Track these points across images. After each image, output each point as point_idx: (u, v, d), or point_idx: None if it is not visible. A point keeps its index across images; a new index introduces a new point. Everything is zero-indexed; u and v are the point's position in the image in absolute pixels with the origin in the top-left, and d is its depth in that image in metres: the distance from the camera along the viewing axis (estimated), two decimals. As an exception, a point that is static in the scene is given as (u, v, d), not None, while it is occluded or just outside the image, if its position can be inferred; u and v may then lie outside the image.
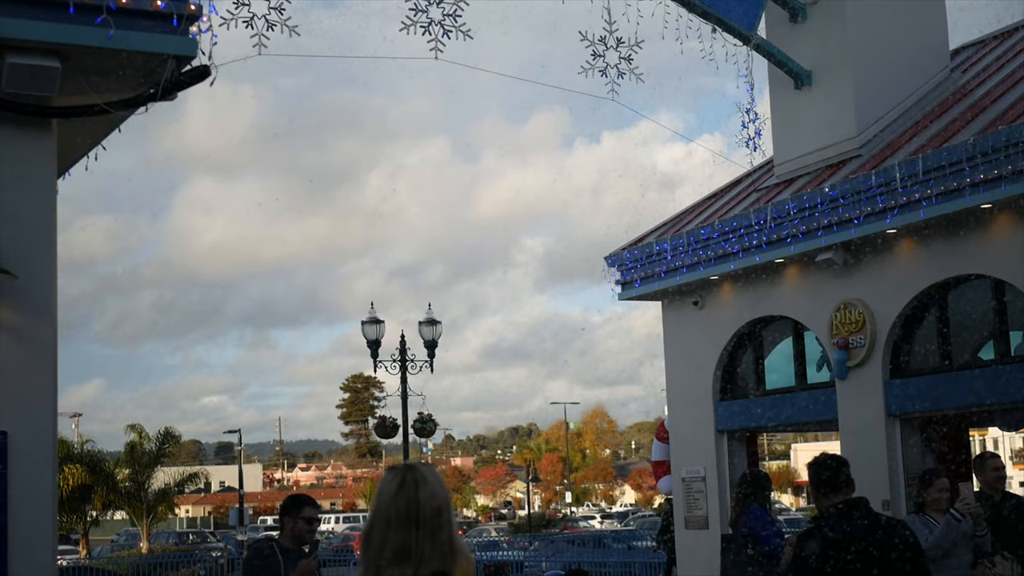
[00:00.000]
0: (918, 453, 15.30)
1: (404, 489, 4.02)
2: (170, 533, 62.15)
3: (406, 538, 3.94)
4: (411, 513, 3.97)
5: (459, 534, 4.10)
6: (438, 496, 4.04)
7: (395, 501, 4.00)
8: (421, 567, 3.92)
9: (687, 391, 18.32)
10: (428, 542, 3.95)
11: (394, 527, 3.96)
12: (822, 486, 7.08)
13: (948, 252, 14.54)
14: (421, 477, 4.05)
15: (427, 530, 3.96)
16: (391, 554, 3.94)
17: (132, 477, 47.64)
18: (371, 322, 27.35)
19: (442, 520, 4.01)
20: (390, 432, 29.32)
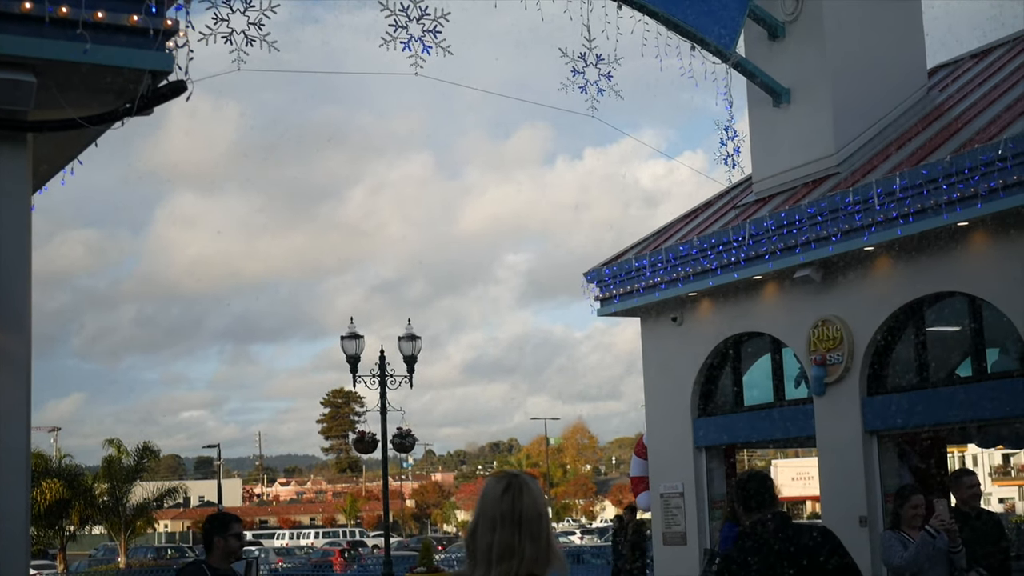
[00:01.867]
0: (895, 469, 15.34)
1: (508, 492, 4.32)
2: (148, 548, 61.83)
3: (510, 538, 4.24)
4: (515, 515, 4.27)
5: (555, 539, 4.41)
6: (538, 502, 4.35)
7: (500, 504, 4.31)
8: (522, 566, 4.22)
9: (666, 407, 18.34)
10: (529, 543, 4.24)
11: (499, 528, 4.26)
12: (747, 502, 7.09)
13: (925, 270, 14.60)
14: (524, 483, 4.37)
15: (528, 532, 4.25)
16: (498, 553, 4.24)
17: (110, 492, 47.38)
18: (350, 337, 27.30)
19: (542, 524, 4.30)
20: (369, 447, 29.24)
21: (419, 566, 27.23)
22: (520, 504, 4.30)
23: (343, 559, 51.61)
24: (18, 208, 7.03)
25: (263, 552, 57.96)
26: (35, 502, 44.80)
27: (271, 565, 45.65)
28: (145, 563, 46.73)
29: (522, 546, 4.25)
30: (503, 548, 4.25)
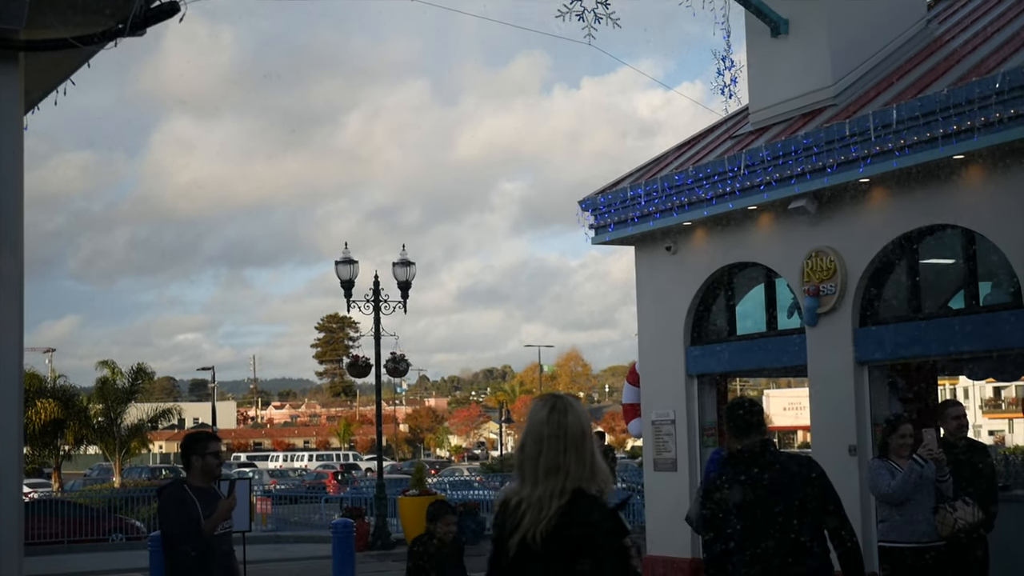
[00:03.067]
0: (885, 400, 15.44)
1: (554, 412, 4.60)
2: (143, 468, 62.35)
3: (556, 455, 4.51)
4: (560, 434, 4.53)
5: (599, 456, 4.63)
6: (582, 420, 4.61)
7: (547, 423, 4.58)
8: (568, 480, 4.47)
9: (658, 335, 18.40)
10: (574, 459, 4.50)
11: (546, 446, 4.53)
12: (735, 428, 7.15)
13: (920, 202, 14.60)
14: (568, 404, 4.64)
15: (573, 449, 4.51)
16: (544, 469, 4.50)
17: (105, 413, 47.64)
18: (345, 262, 27.34)
19: (586, 441, 4.56)
20: (363, 371, 29.38)
21: (411, 489, 27.47)
22: (565, 423, 4.55)
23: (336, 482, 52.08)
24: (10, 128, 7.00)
25: (257, 474, 58.39)
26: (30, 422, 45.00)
27: (265, 487, 45.98)
28: (140, 483, 47.08)
29: (567, 462, 4.50)
30: (549, 464, 4.50)
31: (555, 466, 4.51)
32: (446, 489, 34.46)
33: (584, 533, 4.44)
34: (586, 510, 4.49)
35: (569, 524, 4.45)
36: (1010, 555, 12.66)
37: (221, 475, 8.94)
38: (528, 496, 4.53)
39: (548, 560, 4.46)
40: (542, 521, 4.45)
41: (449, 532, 8.98)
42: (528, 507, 4.51)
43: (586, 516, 4.49)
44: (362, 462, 79.90)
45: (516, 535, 4.51)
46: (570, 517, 4.46)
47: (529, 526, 4.48)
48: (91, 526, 31.42)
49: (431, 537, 9.02)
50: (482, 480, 42.83)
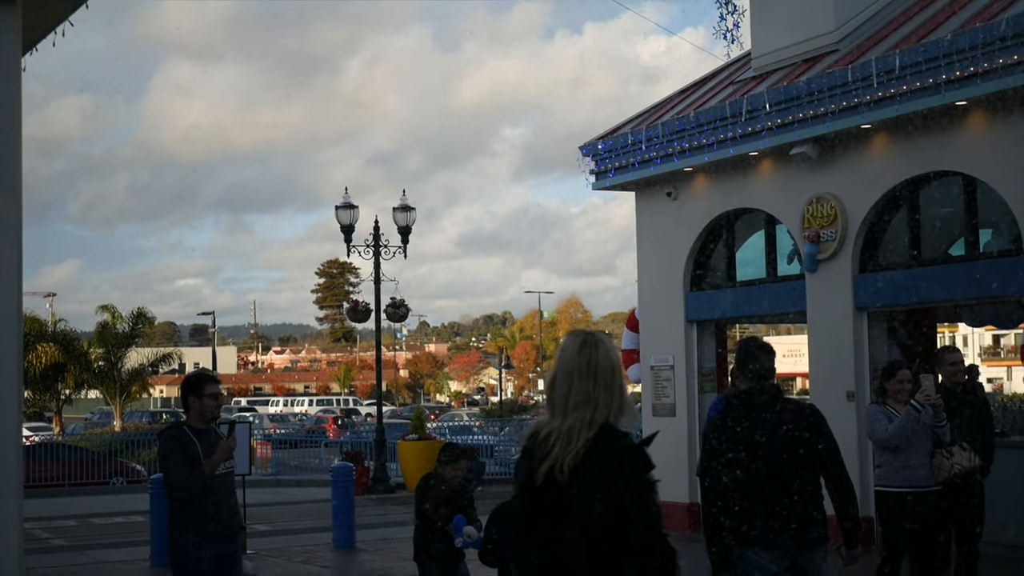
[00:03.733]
0: (884, 347, 15.47)
1: (585, 348, 4.71)
2: (144, 412, 62.50)
3: (587, 387, 4.62)
4: (590, 368, 4.65)
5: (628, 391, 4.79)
6: (612, 356, 4.72)
7: (578, 358, 4.69)
8: (596, 412, 4.58)
9: (658, 281, 18.40)
10: (603, 392, 4.62)
11: (576, 379, 4.64)
12: (744, 367, 7.15)
13: (921, 148, 14.57)
14: (599, 340, 4.76)
15: (602, 382, 4.63)
16: (575, 401, 4.61)
17: (105, 357, 47.74)
18: (345, 207, 27.29)
19: (615, 376, 4.67)
20: (363, 316, 29.41)
21: (411, 434, 27.59)
22: (595, 357, 4.67)
23: (336, 426, 52.28)
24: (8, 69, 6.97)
25: (257, 419, 58.60)
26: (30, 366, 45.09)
27: (265, 431, 46.17)
28: (140, 427, 47.22)
29: (596, 395, 4.61)
30: (579, 396, 4.62)
31: (585, 399, 4.62)
32: (446, 434, 34.57)
33: (611, 466, 4.53)
34: (614, 444, 4.58)
35: (597, 456, 4.54)
36: (1006, 500, 12.73)
37: (220, 417, 8.96)
38: (558, 427, 4.63)
39: (574, 491, 4.55)
40: (570, 452, 4.56)
41: (456, 477, 8.98)
42: (558, 438, 4.61)
43: (613, 449, 4.58)
44: (362, 407, 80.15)
45: (544, 464, 4.61)
46: (598, 450, 4.55)
47: (558, 456, 4.58)
48: (92, 469, 31.56)
49: (440, 480, 9.00)
50: (481, 425, 42.99)
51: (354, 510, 17.28)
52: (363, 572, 14.66)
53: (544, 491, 4.63)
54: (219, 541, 8.50)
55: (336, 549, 16.68)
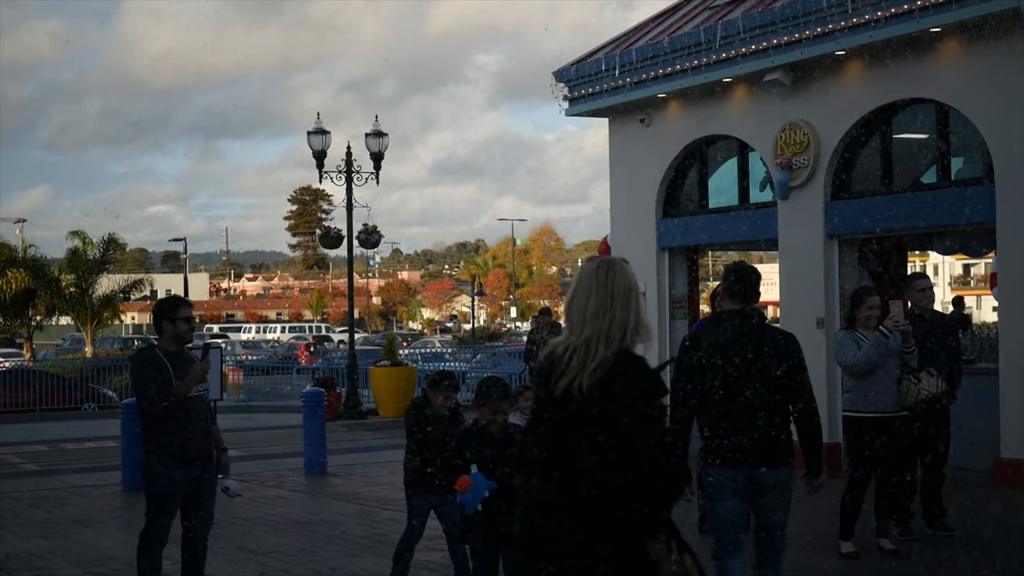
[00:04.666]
0: (855, 274, 15.52)
1: (602, 268, 4.83)
2: (115, 338, 62.40)
3: (604, 301, 4.73)
4: (608, 285, 4.75)
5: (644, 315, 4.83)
6: (629, 278, 4.82)
7: (595, 276, 4.80)
8: (614, 326, 4.67)
9: (631, 208, 18.39)
10: (620, 307, 4.71)
11: (593, 295, 4.75)
12: (731, 288, 7.17)
13: (895, 75, 14.54)
14: (617, 262, 4.88)
15: (619, 299, 4.73)
16: (591, 312, 4.72)
17: (76, 283, 47.55)
18: (317, 133, 27.07)
19: (632, 296, 4.77)
20: (335, 242, 29.28)
21: (383, 360, 27.60)
22: (612, 276, 4.78)
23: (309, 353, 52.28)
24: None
25: (229, 345, 58.55)
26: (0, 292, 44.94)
27: (237, 358, 46.16)
28: (112, 353, 47.15)
29: (614, 308, 4.71)
30: (596, 308, 4.72)
31: (602, 310, 4.71)
32: (418, 361, 34.61)
33: (627, 388, 4.60)
34: (631, 367, 4.65)
35: (613, 378, 4.60)
36: (971, 425, 12.85)
37: (192, 340, 8.94)
38: (575, 341, 4.72)
39: (590, 410, 4.61)
40: (589, 367, 4.64)
41: (445, 406, 8.92)
42: (575, 351, 4.69)
43: (630, 373, 4.64)
44: (334, 334, 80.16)
45: (563, 380, 4.68)
46: (615, 372, 4.61)
47: (576, 370, 4.66)
48: (64, 395, 31.52)
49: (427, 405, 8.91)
50: (454, 352, 43.04)
51: (326, 435, 17.31)
52: (334, 496, 14.72)
53: (561, 409, 4.69)
54: (192, 463, 8.50)
55: (307, 474, 16.73)
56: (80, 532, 12.40)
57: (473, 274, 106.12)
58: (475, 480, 6.84)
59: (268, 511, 13.52)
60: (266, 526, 12.53)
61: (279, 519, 12.99)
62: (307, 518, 13.11)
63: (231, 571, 10.17)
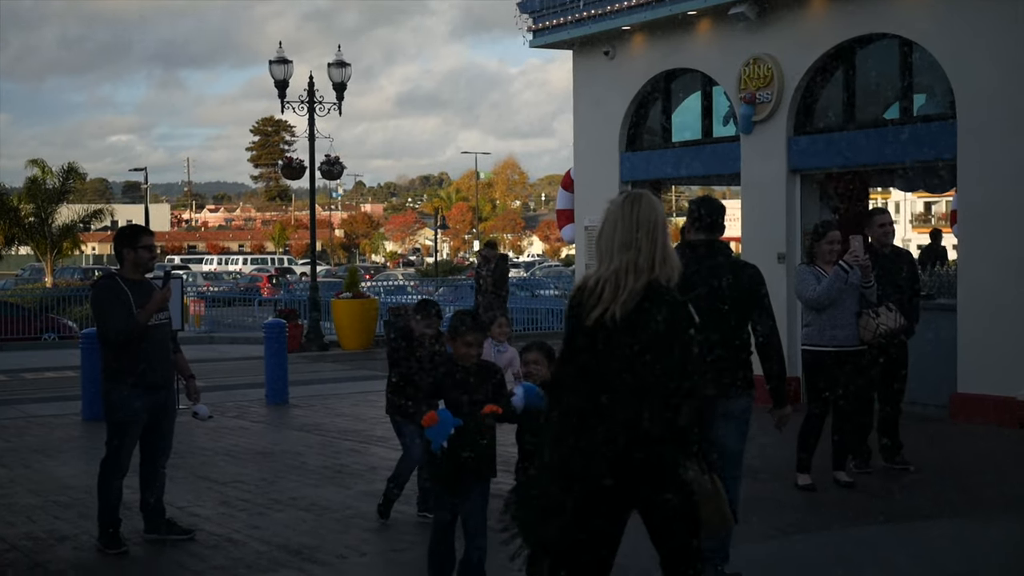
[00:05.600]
0: (816, 209, 15.58)
1: (628, 200, 4.97)
2: (76, 269, 61.91)
3: (630, 233, 4.86)
4: (634, 217, 4.89)
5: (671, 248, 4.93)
6: (655, 210, 4.94)
7: (622, 209, 4.93)
8: (641, 256, 4.81)
9: (594, 141, 18.35)
10: (646, 238, 4.84)
11: (620, 227, 4.88)
12: (697, 221, 7.21)
13: (860, 10, 14.52)
14: (643, 195, 5.01)
15: (645, 230, 4.86)
16: (619, 245, 4.86)
17: (35, 213, 47.15)
18: (279, 62, 26.83)
19: (657, 228, 4.89)
20: (297, 173, 29.13)
21: (345, 292, 27.57)
22: (638, 209, 4.91)
23: (271, 285, 52.11)
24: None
25: (191, 276, 58.31)
26: (-42, 220, 44.52)
27: (199, 289, 45.95)
28: (72, 283, 46.81)
29: (639, 240, 4.85)
30: (623, 241, 4.86)
31: (628, 242, 4.84)
32: (380, 293, 34.56)
33: (657, 318, 4.72)
34: (661, 297, 4.77)
35: (644, 308, 4.74)
36: (929, 361, 12.97)
37: (153, 269, 8.90)
38: (605, 272, 4.86)
39: (622, 340, 4.73)
40: (620, 297, 4.77)
41: (427, 332, 8.88)
42: (606, 282, 4.83)
43: (660, 302, 4.76)
44: (297, 266, 79.85)
45: (595, 311, 4.82)
46: (646, 302, 4.76)
47: (608, 300, 4.79)
48: (24, 325, 31.31)
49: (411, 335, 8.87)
50: (416, 286, 43.00)
51: (287, 367, 17.30)
52: (295, 427, 14.74)
53: (593, 340, 4.81)
54: (153, 392, 8.50)
55: (269, 405, 16.74)
56: (40, 461, 12.38)
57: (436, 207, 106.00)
58: (441, 416, 6.66)
59: (229, 441, 13.53)
60: (227, 456, 12.55)
61: (240, 449, 13.00)
62: (268, 448, 13.13)
63: (192, 500, 10.19)
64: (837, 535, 8.60)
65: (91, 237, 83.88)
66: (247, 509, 9.86)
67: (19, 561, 8.29)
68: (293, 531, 9.02)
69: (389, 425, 9.33)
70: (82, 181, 57.35)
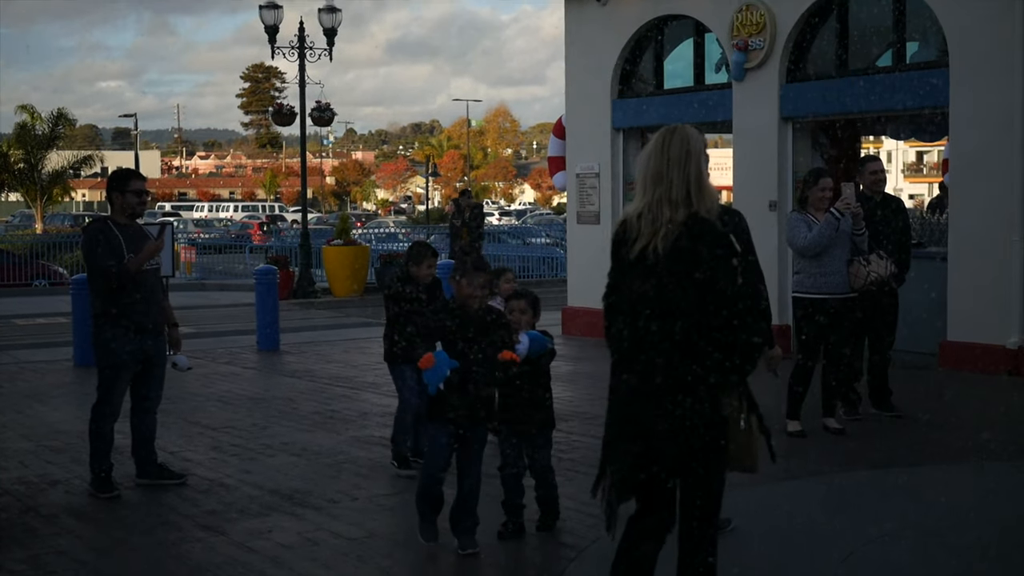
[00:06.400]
0: (808, 157, 15.55)
1: (661, 134, 5.06)
2: (66, 215, 61.79)
3: (661, 166, 4.96)
4: (665, 150, 4.98)
5: (708, 179, 5.00)
6: (689, 142, 5.00)
7: (655, 143, 5.04)
8: (673, 189, 4.91)
9: (585, 88, 18.27)
10: (676, 170, 4.93)
11: (653, 160, 5.00)
12: None
13: (853, -44, 14.44)
14: (677, 128, 5.08)
15: (675, 162, 4.94)
16: (651, 177, 4.98)
17: (25, 158, 46.98)
18: (269, 7, 26.68)
19: (690, 159, 4.96)
20: (287, 119, 29.05)
21: (336, 239, 27.56)
22: (669, 142, 5.01)
23: (262, 232, 52.03)
24: None
25: (181, 223, 58.19)
26: (-53, 166, 44.32)
27: (189, 236, 45.89)
28: (62, 229, 46.72)
29: (671, 174, 4.94)
30: (655, 174, 4.97)
31: (660, 174, 4.95)
32: (371, 241, 34.54)
33: (697, 249, 4.83)
34: (699, 228, 4.86)
35: (685, 241, 4.85)
36: (919, 307, 13.01)
37: (143, 214, 8.87)
38: (644, 206, 4.99)
39: (665, 270, 4.86)
40: (660, 229, 4.89)
41: (428, 275, 8.84)
42: (645, 215, 4.96)
43: (698, 233, 4.86)
44: (288, 214, 79.70)
45: (638, 243, 4.95)
46: (685, 234, 4.86)
47: (648, 234, 4.92)
48: (14, 272, 31.28)
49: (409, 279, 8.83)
50: (408, 233, 42.97)
51: (278, 313, 17.32)
52: (287, 373, 14.77)
53: (636, 269, 4.93)
54: (143, 336, 8.51)
55: (260, 351, 16.77)
56: (31, 406, 12.40)
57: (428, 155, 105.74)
58: (438, 358, 6.57)
59: (220, 387, 13.56)
60: (219, 402, 12.58)
61: (231, 395, 13.03)
62: (260, 394, 13.16)
63: (183, 445, 10.22)
64: (826, 482, 8.65)
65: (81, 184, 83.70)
66: (239, 454, 9.90)
67: (12, 505, 8.32)
68: (285, 476, 9.06)
69: (381, 371, 9.37)
70: (72, 127, 57.11)
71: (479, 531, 6.92)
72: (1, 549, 7.21)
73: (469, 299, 6.77)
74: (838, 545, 6.75)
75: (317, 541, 7.29)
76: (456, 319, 6.76)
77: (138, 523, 7.89)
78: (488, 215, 79.38)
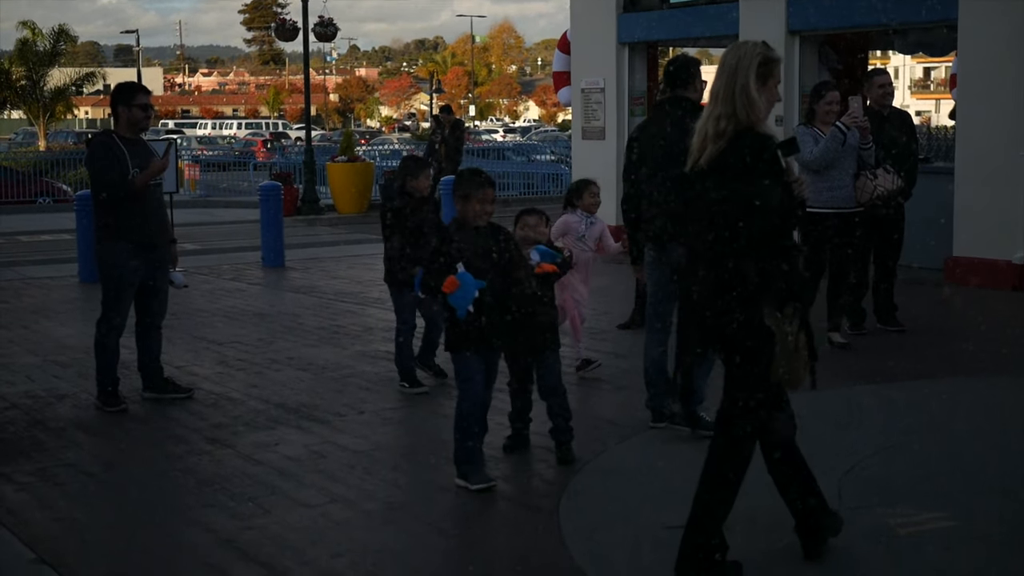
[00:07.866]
0: (815, 71, 15.44)
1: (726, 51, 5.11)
2: (69, 132, 61.53)
3: (719, 80, 5.02)
4: (722, 66, 5.04)
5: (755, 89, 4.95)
6: (737, 57, 5.00)
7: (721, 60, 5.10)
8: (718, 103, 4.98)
9: (591, 2, 18.10)
10: (724, 85, 4.98)
11: (715, 76, 5.05)
12: (673, 78, 7.28)
13: None
14: (736, 44, 5.12)
15: (724, 77, 4.99)
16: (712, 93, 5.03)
17: (27, 76, 46.73)
18: (271, -80, 26.41)
19: (736, 74, 4.96)
20: (290, 35, 28.80)
21: (340, 155, 27.45)
22: (726, 57, 5.05)
23: (266, 149, 51.83)
24: None
25: (185, 140, 57.97)
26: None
27: (193, 153, 45.71)
28: (66, 147, 46.56)
29: (718, 88, 4.99)
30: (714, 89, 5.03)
31: (716, 89, 5.02)
32: (375, 158, 34.36)
33: (742, 163, 4.91)
34: (745, 142, 4.93)
35: (730, 154, 4.92)
36: (925, 223, 12.98)
37: (148, 128, 8.83)
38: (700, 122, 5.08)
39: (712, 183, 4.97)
40: (708, 146, 4.99)
41: (426, 187, 8.79)
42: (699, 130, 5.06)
43: (744, 147, 4.92)
44: (292, 131, 79.34)
45: (691, 158, 5.07)
46: (732, 147, 4.92)
47: (698, 150, 5.03)
48: (18, 189, 31.19)
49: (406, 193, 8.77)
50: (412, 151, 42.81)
51: (283, 229, 17.30)
52: (292, 289, 14.78)
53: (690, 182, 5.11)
54: (147, 250, 8.50)
55: (265, 267, 16.77)
56: (38, 322, 12.43)
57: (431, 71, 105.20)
58: (463, 280, 6.10)
59: (226, 303, 13.58)
60: (225, 317, 12.60)
61: (237, 311, 13.05)
62: (265, 310, 13.18)
63: (190, 360, 10.26)
64: (831, 395, 8.66)
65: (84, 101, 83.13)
66: (245, 368, 9.94)
67: (19, 419, 8.37)
68: (291, 390, 9.10)
69: (385, 288, 9.31)
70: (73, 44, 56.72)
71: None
72: (9, 462, 7.27)
73: (477, 216, 6.43)
74: (842, 457, 6.78)
75: (324, 454, 7.34)
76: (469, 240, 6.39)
77: (145, 436, 7.95)
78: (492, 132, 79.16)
